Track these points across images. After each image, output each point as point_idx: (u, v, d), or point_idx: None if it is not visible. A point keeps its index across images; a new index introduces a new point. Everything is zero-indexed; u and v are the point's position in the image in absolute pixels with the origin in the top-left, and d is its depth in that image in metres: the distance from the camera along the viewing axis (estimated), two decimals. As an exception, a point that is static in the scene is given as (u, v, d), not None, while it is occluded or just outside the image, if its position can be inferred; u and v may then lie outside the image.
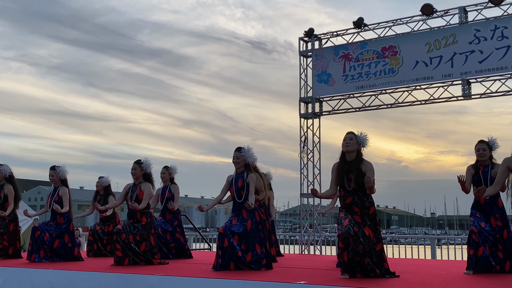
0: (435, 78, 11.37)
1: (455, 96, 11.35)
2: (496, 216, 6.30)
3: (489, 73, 10.80)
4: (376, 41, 12.21)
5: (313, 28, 12.99)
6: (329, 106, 12.85)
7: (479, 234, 6.30)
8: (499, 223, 6.27)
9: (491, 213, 6.32)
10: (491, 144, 6.54)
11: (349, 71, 12.37)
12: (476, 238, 6.29)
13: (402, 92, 11.94)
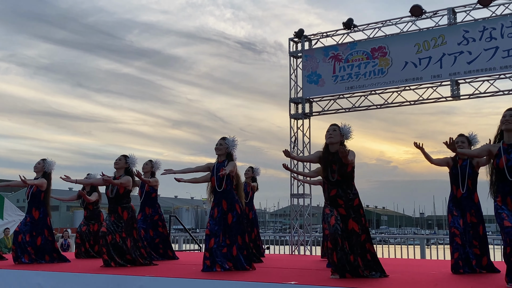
0: (424, 79, 11.43)
1: (444, 96, 11.42)
2: (471, 212, 6.35)
3: (478, 74, 10.87)
4: (365, 42, 12.27)
5: (303, 29, 13.03)
6: (319, 106, 12.89)
7: (461, 235, 6.34)
8: (474, 219, 6.33)
9: (467, 208, 6.35)
10: (470, 138, 6.59)
11: (339, 72, 12.42)
12: (459, 240, 6.33)
13: (391, 93, 12.00)
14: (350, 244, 5.53)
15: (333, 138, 5.81)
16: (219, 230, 6.50)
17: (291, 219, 13.07)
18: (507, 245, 4.79)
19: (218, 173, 6.60)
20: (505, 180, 4.93)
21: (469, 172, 6.35)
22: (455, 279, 5.86)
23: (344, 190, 5.68)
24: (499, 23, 10.68)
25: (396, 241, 18.27)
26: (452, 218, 6.45)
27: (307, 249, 12.79)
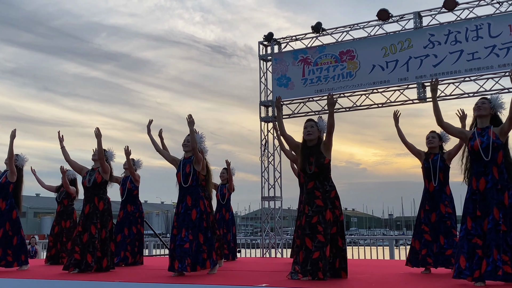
0: (391, 82, 11.61)
1: (410, 99, 11.61)
2: (445, 203, 6.54)
3: (443, 77, 11.09)
4: (334, 45, 12.39)
5: (272, 32, 13.08)
6: (289, 109, 12.95)
7: (431, 232, 6.53)
8: (449, 210, 6.53)
9: (440, 200, 6.55)
10: (441, 135, 6.81)
11: (308, 75, 12.51)
12: (429, 237, 6.53)
13: (359, 96, 12.14)
14: (326, 234, 5.58)
15: (312, 134, 5.92)
16: (182, 226, 6.46)
17: (262, 222, 13.08)
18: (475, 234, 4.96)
19: (184, 169, 6.59)
20: (480, 160, 5.15)
21: (440, 165, 6.60)
22: (423, 278, 5.96)
23: (321, 182, 5.77)
24: (464, 27, 10.92)
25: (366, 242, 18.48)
26: (424, 213, 6.64)
27: (278, 251, 12.83)
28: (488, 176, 5.06)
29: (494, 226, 4.88)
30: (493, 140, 5.10)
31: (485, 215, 4.98)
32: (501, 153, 5.10)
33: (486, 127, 5.26)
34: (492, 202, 4.97)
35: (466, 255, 4.95)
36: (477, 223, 5.00)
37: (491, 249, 4.83)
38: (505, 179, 5.06)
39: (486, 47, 10.63)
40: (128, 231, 8.57)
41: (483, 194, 5.04)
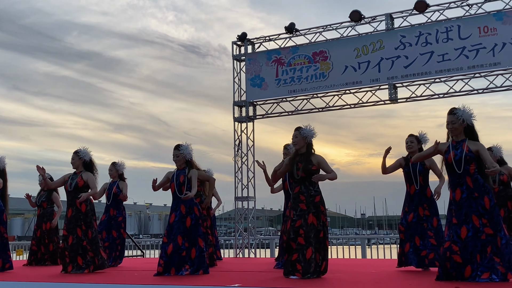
0: (364, 83, 11.72)
1: (382, 100, 11.75)
2: (424, 206, 6.74)
3: (414, 78, 11.25)
4: (307, 46, 12.45)
5: (245, 32, 13.08)
6: (262, 110, 12.98)
7: (405, 231, 6.76)
8: (427, 213, 6.72)
9: (419, 203, 6.75)
10: (420, 137, 6.95)
11: (281, 75, 12.55)
12: (403, 236, 6.76)
13: (332, 96, 12.23)
14: (307, 237, 5.68)
15: (297, 144, 6.09)
16: (176, 234, 6.50)
17: (236, 222, 13.07)
18: (449, 240, 5.17)
19: (178, 179, 6.67)
20: (454, 172, 5.31)
21: (420, 169, 6.77)
22: (395, 276, 6.04)
23: (307, 187, 5.91)
24: (434, 29, 11.10)
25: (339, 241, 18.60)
26: (403, 215, 6.90)
27: (252, 251, 12.84)
28: (463, 187, 5.23)
29: (475, 233, 5.06)
30: (466, 153, 5.23)
31: (462, 223, 5.14)
32: (474, 165, 5.23)
33: (461, 140, 5.37)
34: (469, 210, 5.14)
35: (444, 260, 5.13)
36: (453, 230, 5.17)
37: (474, 256, 5.01)
38: (481, 184, 5.21)
39: (456, 49, 10.82)
40: (107, 235, 8.58)
41: (458, 204, 5.22)
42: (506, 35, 10.38)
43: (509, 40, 10.35)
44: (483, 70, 10.65)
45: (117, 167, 8.85)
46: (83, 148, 7.52)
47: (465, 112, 5.35)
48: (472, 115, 5.37)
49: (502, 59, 10.41)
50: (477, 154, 5.26)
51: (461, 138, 5.38)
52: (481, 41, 10.60)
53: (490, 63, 10.53)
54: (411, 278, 5.83)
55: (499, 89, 10.79)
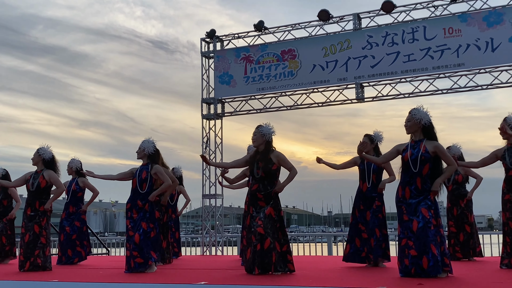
0: (331, 82, 11.83)
1: (349, 99, 11.88)
2: (375, 199, 6.94)
3: (380, 78, 11.41)
4: (276, 44, 12.49)
5: (214, 29, 13.04)
6: (231, 107, 12.96)
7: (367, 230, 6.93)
8: (378, 203, 6.92)
9: (372, 200, 6.94)
10: (374, 137, 7.08)
11: (250, 73, 12.56)
12: (366, 235, 6.93)
13: (300, 95, 12.31)
14: (265, 228, 5.77)
15: (256, 142, 6.14)
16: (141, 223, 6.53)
17: (203, 220, 13.03)
18: (404, 237, 5.27)
19: (140, 175, 6.66)
20: (408, 171, 5.41)
21: (374, 167, 6.94)
22: (360, 273, 6.11)
23: (265, 185, 5.97)
24: (401, 29, 11.27)
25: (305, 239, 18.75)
26: (358, 213, 7.01)
27: (219, 249, 12.82)
28: (411, 186, 5.35)
29: (425, 224, 5.18)
30: (422, 153, 5.35)
31: (412, 218, 5.26)
32: (428, 166, 5.35)
33: (419, 139, 5.48)
34: (418, 206, 5.28)
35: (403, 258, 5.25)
36: (406, 227, 5.28)
37: (428, 246, 5.11)
38: (428, 187, 5.35)
39: (421, 49, 11.01)
40: (70, 231, 8.56)
41: (408, 201, 5.34)
42: (470, 36, 10.62)
43: (473, 42, 10.60)
44: (448, 71, 10.87)
45: (72, 164, 8.78)
46: (45, 146, 7.40)
47: (421, 111, 5.45)
48: (429, 115, 5.47)
49: (466, 60, 10.65)
50: (434, 155, 5.37)
51: (420, 138, 5.48)
52: (446, 42, 10.82)
53: (454, 64, 10.76)
54: (374, 274, 5.92)
55: (463, 90, 11.04)
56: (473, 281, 4.93)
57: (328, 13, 11.90)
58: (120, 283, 5.51)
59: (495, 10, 10.52)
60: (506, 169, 6.23)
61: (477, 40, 10.57)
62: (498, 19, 10.45)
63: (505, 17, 10.39)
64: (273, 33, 12.66)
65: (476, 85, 10.88)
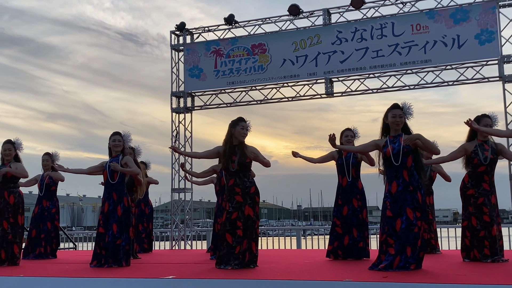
0: (301, 76, 11.88)
1: (319, 94, 11.96)
2: (357, 197, 7.02)
3: (350, 73, 11.51)
4: (246, 38, 12.47)
5: (184, 22, 12.94)
6: (201, 101, 12.91)
7: (342, 224, 6.99)
8: (360, 203, 7.01)
9: (352, 195, 7.00)
10: (355, 132, 7.22)
11: (220, 67, 12.52)
12: (340, 230, 6.98)
13: (271, 89, 12.33)
14: (245, 229, 5.82)
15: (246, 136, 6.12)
16: (112, 223, 6.50)
17: (172, 214, 12.97)
18: (384, 233, 5.36)
19: (110, 167, 6.65)
20: (392, 165, 5.50)
21: (353, 162, 7.03)
22: (328, 266, 6.18)
23: (241, 178, 5.98)
24: (369, 25, 11.39)
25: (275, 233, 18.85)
26: (336, 207, 7.10)
27: (188, 243, 12.78)
28: (399, 180, 5.43)
29: (408, 226, 5.28)
30: (403, 146, 5.45)
31: (396, 216, 5.34)
32: (411, 158, 5.45)
33: (398, 134, 5.58)
34: (404, 204, 5.35)
35: (380, 253, 5.35)
36: (388, 223, 5.35)
37: (405, 248, 5.22)
38: (416, 180, 5.44)
39: (389, 45, 11.15)
40: (43, 227, 8.47)
41: (394, 197, 5.41)
42: (437, 33, 10.80)
43: (439, 38, 10.78)
44: (415, 67, 11.04)
45: (52, 157, 8.69)
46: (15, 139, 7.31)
47: (408, 109, 5.58)
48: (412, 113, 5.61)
49: (433, 56, 10.83)
50: (414, 147, 5.48)
51: (399, 133, 5.59)
52: (413, 38, 10.98)
53: (421, 60, 10.93)
54: (343, 267, 5.99)
55: (430, 86, 11.23)
56: (437, 273, 5.03)
57: (299, 8, 11.94)
58: (86, 278, 5.46)
59: (461, 7, 10.72)
60: (475, 165, 6.34)
61: (444, 37, 10.76)
62: (465, 16, 10.65)
63: (471, 14, 10.59)
64: (244, 27, 12.64)
65: (442, 81, 11.08)
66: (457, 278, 4.68)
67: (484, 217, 6.21)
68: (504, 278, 4.70)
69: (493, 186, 6.33)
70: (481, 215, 6.23)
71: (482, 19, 10.48)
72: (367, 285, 4.39)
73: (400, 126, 5.57)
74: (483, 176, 6.30)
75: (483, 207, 6.25)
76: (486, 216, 6.20)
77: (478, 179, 6.32)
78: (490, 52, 10.44)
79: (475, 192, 6.31)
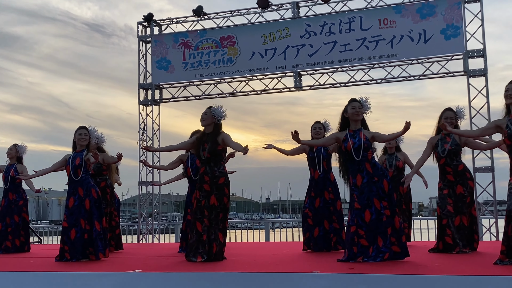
0: (270, 70, 11.87)
1: (288, 87, 11.98)
2: (329, 189, 7.06)
3: (318, 66, 11.55)
4: (215, 30, 12.39)
5: (152, 13, 12.76)
6: (169, 93, 12.78)
7: (313, 216, 7.04)
8: (332, 196, 7.06)
9: (324, 187, 7.06)
10: (325, 125, 7.27)
11: (188, 59, 12.41)
12: (311, 221, 7.05)
13: (240, 82, 12.29)
14: (209, 219, 5.80)
15: (204, 120, 6.07)
16: (78, 218, 6.37)
17: (139, 208, 12.84)
18: (354, 224, 5.41)
19: (73, 161, 6.50)
20: (353, 160, 5.56)
21: (324, 154, 7.06)
22: (296, 258, 6.21)
23: (212, 167, 5.94)
24: (338, 19, 11.44)
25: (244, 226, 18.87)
26: (308, 199, 7.13)
27: (156, 237, 12.69)
28: (363, 172, 5.51)
29: (377, 216, 5.37)
30: (364, 141, 5.53)
31: (365, 207, 5.42)
32: (371, 151, 5.56)
33: (358, 129, 5.65)
34: (371, 194, 5.43)
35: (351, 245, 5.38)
36: (357, 215, 5.41)
37: (376, 238, 5.32)
38: (379, 169, 5.54)
39: (357, 39, 11.23)
40: (10, 220, 8.25)
41: (360, 189, 5.48)
42: (404, 27, 10.92)
43: (406, 33, 10.91)
44: (382, 61, 11.15)
45: (18, 148, 8.47)
46: None
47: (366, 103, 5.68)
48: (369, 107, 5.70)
49: (399, 51, 10.96)
50: (372, 141, 5.60)
51: (358, 127, 5.67)
52: (381, 32, 11.08)
53: (388, 55, 11.05)
54: (310, 259, 6.03)
55: (396, 80, 11.37)
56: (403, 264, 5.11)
57: (268, 1, 11.90)
58: (51, 272, 5.36)
59: (428, 2, 10.86)
60: (437, 158, 6.49)
61: (411, 31, 10.89)
62: (431, 11, 10.80)
63: (437, 9, 10.75)
64: (212, 19, 12.55)
65: (408, 76, 11.22)
66: (419, 269, 4.77)
67: (448, 207, 6.34)
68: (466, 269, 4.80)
69: (459, 176, 6.40)
70: (445, 205, 6.37)
71: (448, 14, 10.65)
72: (334, 276, 4.42)
73: (360, 117, 5.65)
74: (445, 168, 6.44)
75: (447, 198, 6.38)
76: (450, 207, 6.33)
77: (442, 171, 6.49)
78: (455, 47, 10.62)
79: (442, 185, 6.47)
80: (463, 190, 6.38)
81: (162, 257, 6.91)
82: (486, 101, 10.31)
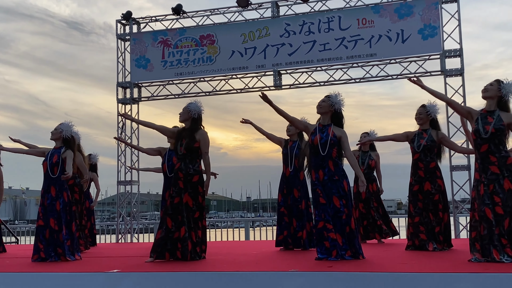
0: (250, 68, 11.88)
1: (267, 86, 11.99)
2: (298, 188, 7.09)
3: (298, 66, 11.60)
4: (194, 29, 12.35)
5: (130, 11, 12.67)
6: (148, 92, 12.71)
7: (289, 214, 7.07)
8: (300, 194, 7.09)
9: (293, 185, 7.09)
10: None
11: (168, 57, 12.35)
12: (287, 219, 7.10)
13: (219, 81, 12.27)
14: (182, 217, 5.76)
15: (181, 116, 6.09)
16: (49, 217, 6.31)
17: (118, 207, 12.75)
18: (321, 220, 5.37)
19: (51, 158, 6.42)
20: (317, 155, 5.51)
21: (296, 152, 7.08)
22: (275, 256, 6.23)
23: (186, 164, 5.90)
24: (317, 19, 11.49)
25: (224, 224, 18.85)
26: (282, 197, 7.18)
27: (135, 237, 12.61)
28: (325, 169, 5.47)
29: (335, 214, 5.37)
30: (331, 137, 5.48)
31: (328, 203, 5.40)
32: (336, 150, 5.50)
33: (327, 124, 5.60)
34: (330, 192, 5.41)
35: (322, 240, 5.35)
36: (324, 210, 5.39)
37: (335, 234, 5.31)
38: (341, 169, 5.52)
39: (336, 39, 11.29)
40: None
41: (323, 184, 5.45)
42: (382, 27, 11.02)
43: (384, 33, 11.00)
44: (361, 60, 11.23)
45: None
46: None
47: (336, 98, 5.58)
48: (342, 102, 5.58)
49: (378, 50, 11.05)
50: (339, 139, 5.52)
51: (328, 122, 5.61)
52: (359, 32, 11.16)
53: (367, 54, 11.13)
54: (289, 257, 6.06)
55: (375, 79, 11.46)
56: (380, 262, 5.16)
57: (247, 0, 11.90)
58: (27, 273, 5.29)
59: (406, 2, 10.97)
60: (412, 153, 6.58)
61: (389, 31, 10.99)
62: (409, 11, 10.91)
63: (415, 9, 10.86)
64: (192, 17, 12.51)
65: (387, 75, 11.32)
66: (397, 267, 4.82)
67: (419, 204, 6.42)
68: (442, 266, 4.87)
69: (429, 173, 6.43)
70: (416, 202, 6.44)
71: (426, 15, 10.77)
72: (313, 275, 4.45)
73: (320, 111, 5.59)
74: (418, 163, 6.50)
75: (418, 194, 6.45)
76: (421, 203, 6.41)
77: (415, 166, 6.54)
78: (432, 46, 10.75)
79: (412, 180, 6.53)
80: (430, 187, 6.41)
81: (140, 256, 6.84)
82: (463, 100, 10.45)
